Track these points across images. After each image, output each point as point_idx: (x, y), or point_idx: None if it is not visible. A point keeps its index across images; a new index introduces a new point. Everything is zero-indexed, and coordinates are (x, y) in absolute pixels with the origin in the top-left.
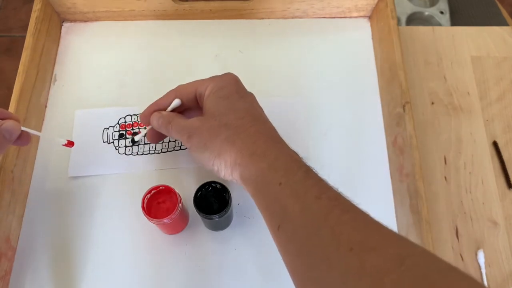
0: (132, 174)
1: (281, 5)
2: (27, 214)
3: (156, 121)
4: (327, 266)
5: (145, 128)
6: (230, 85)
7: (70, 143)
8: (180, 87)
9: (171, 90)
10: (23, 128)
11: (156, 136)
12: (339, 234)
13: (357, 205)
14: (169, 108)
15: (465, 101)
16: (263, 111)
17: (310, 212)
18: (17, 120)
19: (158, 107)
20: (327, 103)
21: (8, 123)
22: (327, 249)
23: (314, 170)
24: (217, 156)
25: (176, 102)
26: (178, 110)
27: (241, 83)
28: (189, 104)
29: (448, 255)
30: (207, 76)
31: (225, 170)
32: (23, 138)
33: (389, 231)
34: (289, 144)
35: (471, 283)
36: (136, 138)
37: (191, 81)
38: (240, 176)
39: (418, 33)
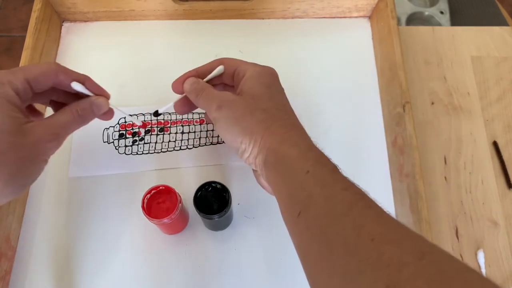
0: (132, 174)
1: (281, 5)
2: (27, 214)
3: (190, 85)
4: (345, 254)
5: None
6: (272, 76)
7: (144, 125)
8: (224, 58)
9: (215, 59)
10: (110, 106)
11: (185, 106)
12: (361, 225)
13: (380, 205)
14: (211, 75)
15: (465, 101)
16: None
17: (334, 202)
18: (107, 97)
19: (196, 74)
20: (327, 103)
21: (100, 100)
22: (347, 238)
23: (341, 170)
24: (248, 134)
25: (220, 68)
26: (212, 84)
27: (279, 79)
28: (226, 79)
29: None
30: None
31: (252, 151)
32: (108, 114)
33: (409, 229)
34: None
35: (488, 285)
36: (161, 110)
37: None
38: (264, 160)
39: (418, 33)
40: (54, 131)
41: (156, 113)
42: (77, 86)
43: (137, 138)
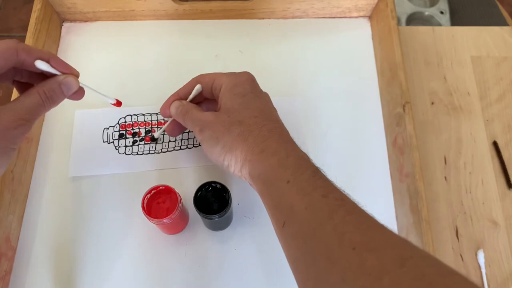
0: (132, 174)
1: (281, 5)
2: (27, 214)
3: (175, 109)
4: (328, 263)
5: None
6: (246, 83)
7: (119, 103)
8: (200, 75)
9: (192, 79)
10: (80, 84)
11: (177, 129)
12: (342, 233)
13: (362, 208)
14: (191, 95)
15: (465, 101)
16: (276, 112)
17: (315, 210)
18: (77, 75)
19: (178, 97)
20: (327, 103)
21: (69, 79)
22: (329, 247)
23: (322, 171)
24: (228, 151)
25: (197, 88)
26: (197, 101)
27: (256, 82)
28: (207, 94)
29: (448, 255)
30: None
31: (235, 165)
32: (78, 93)
33: (392, 233)
34: None
35: (471, 287)
36: (156, 134)
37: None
38: (249, 173)
39: (418, 33)
40: (20, 116)
41: (153, 139)
42: (41, 65)
43: (137, 138)
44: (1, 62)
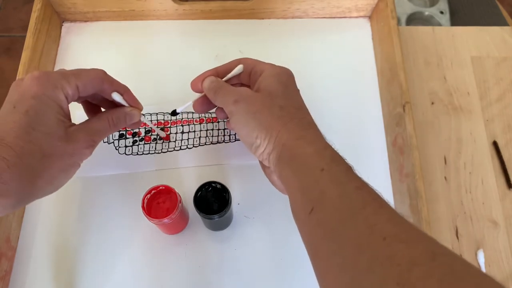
0: (132, 174)
1: (281, 5)
2: (27, 214)
3: (209, 83)
4: (356, 252)
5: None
6: (289, 76)
7: (167, 137)
8: (243, 58)
9: (234, 60)
10: (142, 119)
11: (204, 104)
12: (373, 224)
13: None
14: (230, 74)
15: (465, 101)
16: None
17: (348, 200)
18: (140, 109)
19: (216, 73)
20: (327, 103)
21: (134, 112)
22: (359, 235)
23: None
24: (264, 129)
25: (239, 67)
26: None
27: (295, 81)
28: (244, 77)
29: None
30: None
31: (267, 146)
32: (136, 124)
33: (422, 230)
34: None
35: None
36: (179, 109)
37: (192, 81)
38: (278, 157)
39: (418, 33)
40: (91, 137)
41: (174, 113)
42: (116, 97)
43: (137, 138)
44: (90, 89)
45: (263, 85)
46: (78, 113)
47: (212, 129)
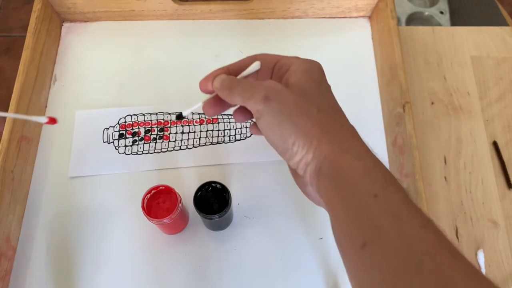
0: (132, 174)
1: (281, 5)
2: (27, 214)
3: (220, 81)
4: None
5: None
6: (320, 72)
7: (52, 120)
8: (259, 54)
9: (248, 56)
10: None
11: (216, 106)
12: (446, 281)
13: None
14: (245, 72)
15: (465, 101)
16: None
17: (412, 242)
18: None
19: (227, 71)
20: None
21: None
22: None
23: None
24: (303, 135)
25: (255, 64)
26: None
27: (325, 75)
28: (265, 74)
29: None
30: None
31: (305, 156)
32: None
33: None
34: None
35: None
36: (185, 112)
37: (191, 81)
38: (318, 169)
39: (418, 33)
40: None
41: (180, 116)
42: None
43: (137, 138)
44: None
45: (293, 81)
46: (77, 112)
47: (212, 130)
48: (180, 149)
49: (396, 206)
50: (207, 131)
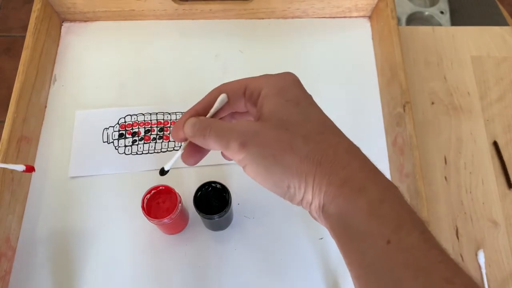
0: (132, 174)
1: (281, 5)
2: (27, 214)
3: (191, 126)
4: None
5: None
6: (294, 87)
7: (30, 168)
8: (223, 84)
9: (212, 89)
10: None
11: (196, 154)
12: None
13: None
14: (213, 109)
15: (465, 101)
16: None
17: None
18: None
19: (195, 113)
20: (327, 103)
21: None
22: None
23: (426, 226)
24: (295, 176)
25: (222, 98)
26: (218, 117)
27: (302, 85)
28: (236, 105)
29: None
30: (207, 76)
31: (304, 196)
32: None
33: None
34: None
35: None
36: (167, 166)
37: (191, 81)
38: (322, 209)
39: (418, 33)
40: None
41: (163, 172)
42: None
43: (136, 138)
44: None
45: (267, 110)
46: (77, 112)
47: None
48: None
49: (413, 254)
50: None
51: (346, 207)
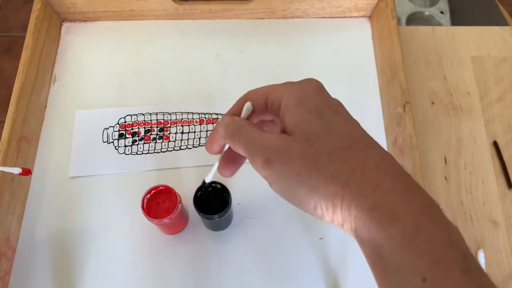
0: (132, 174)
1: (281, 5)
2: (27, 214)
3: (224, 127)
4: None
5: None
6: (317, 94)
7: (27, 171)
8: (249, 91)
9: (241, 97)
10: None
11: (230, 165)
12: None
13: None
14: (242, 116)
15: (465, 101)
16: (362, 127)
17: None
18: None
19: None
20: None
21: None
22: None
23: (473, 259)
24: (322, 197)
25: (247, 107)
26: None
27: (325, 90)
28: (261, 114)
29: None
30: (207, 76)
31: (334, 217)
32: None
33: None
34: None
35: None
36: (207, 179)
37: (191, 81)
38: (354, 230)
39: (418, 33)
40: None
41: (204, 184)
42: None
43: (136, 138)
44: None
45: (289, 124)
46: (77, 112)
47: (212, 130)
48: (180, 149)
49: None
50: (207, 131)
51: (378, 235)
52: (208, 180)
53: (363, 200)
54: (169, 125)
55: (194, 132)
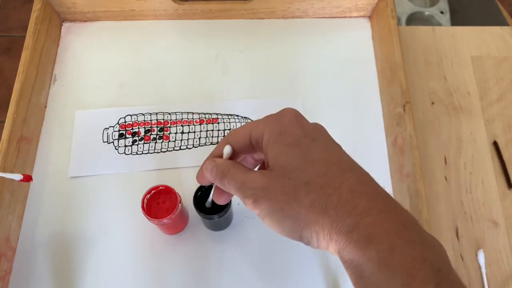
0: (132, 174)
1: (281, 5)
2: (27, 214)
3: (209, 172)
4: None
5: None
6: (291, 125)
7: (28, 178)
8: (230, 133)
9: (222, 139)
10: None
11: (223, 193)
12: None
13: None
14: (224, 158)
15: (465, 101)
16: (342, 149)
17: None
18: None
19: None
20: (327, 103)
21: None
22: None
23: (447, 273)
24: (304, 227)
25: (226, 150)
26: (235, 159)
27: (303, 118)
28: (246, 152)
29: (448, 255)
30: (207, 76)
31: (319, 244)
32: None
33: None
34: None
35: None
36: (208, 203)
37: (191, 81)
38: (339, 254)
39: (418, 33)
40: None
41: (205, 207)
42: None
43: (136, 138)
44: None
45: (271, 160)
46: (77, 112)
47: (212, 130)
48: (180, 149)
49: None
50: (207, 131)
51: (357, 256)
52: (208, 205)
53: (341, 224)
54: (169, 125)
55: (194, 132)
